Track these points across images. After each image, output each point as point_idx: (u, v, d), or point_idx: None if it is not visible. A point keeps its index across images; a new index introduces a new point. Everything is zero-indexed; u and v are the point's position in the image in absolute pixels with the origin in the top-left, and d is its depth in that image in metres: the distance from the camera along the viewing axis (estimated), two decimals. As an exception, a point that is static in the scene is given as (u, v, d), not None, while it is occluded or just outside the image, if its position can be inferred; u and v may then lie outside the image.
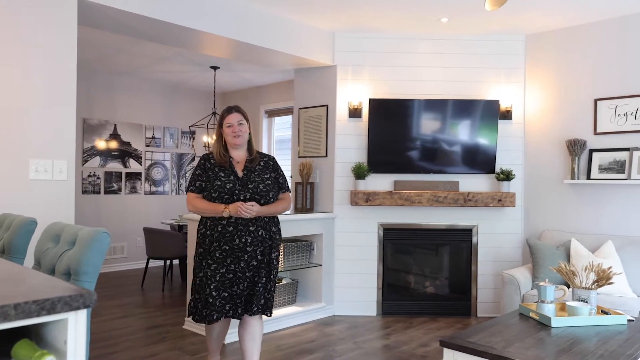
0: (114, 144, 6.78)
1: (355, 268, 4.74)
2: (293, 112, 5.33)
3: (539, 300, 2.74)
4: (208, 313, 2.76)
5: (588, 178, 4.28)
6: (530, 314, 2.76)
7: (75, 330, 1.17)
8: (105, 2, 3.28)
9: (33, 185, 3.01)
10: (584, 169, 4.34)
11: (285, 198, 2.99)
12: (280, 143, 7.32)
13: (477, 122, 4.61)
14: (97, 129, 6.61)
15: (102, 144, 6.66)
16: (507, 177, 4.54)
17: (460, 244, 4.78)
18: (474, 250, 4.72)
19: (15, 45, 2.94)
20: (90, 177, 6.55)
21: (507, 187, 4.55)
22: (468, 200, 4.50)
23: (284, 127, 7.26)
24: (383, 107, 4.62)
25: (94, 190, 6.58)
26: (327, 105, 4.84)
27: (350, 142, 4.76)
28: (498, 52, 4.74)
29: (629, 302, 3.51)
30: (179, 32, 3.88)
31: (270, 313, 2.90)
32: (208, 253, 2.83)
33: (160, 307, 4.90)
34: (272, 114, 7.36)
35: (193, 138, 7.64)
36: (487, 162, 4.61)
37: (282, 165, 3.19)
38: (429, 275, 4.92)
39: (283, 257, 4.45)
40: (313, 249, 4.72)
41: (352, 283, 4.74)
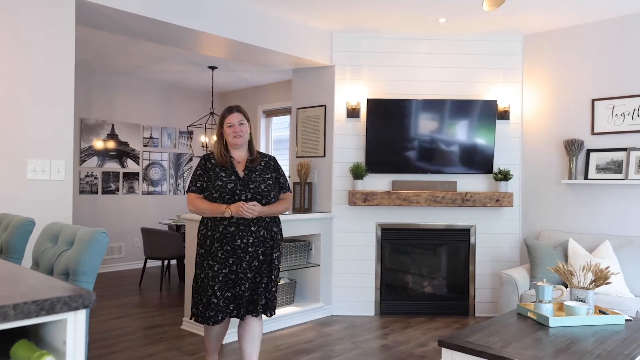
0: (112, 144, 6.77)
1: (353, 268, 4.74)
2: (291, 112, 5.33)
3: (537, 300, 2.74)
4: (213, 314, 2.75)
5: (585, 178, 4.29)
6: (528, 314, 2.76)
7: (75, 331, 1.17)
8: (104, 2, 3.28)
9: (31, 185, 3.00)
10: (582, 169, 4.35)
11: (286, 198, 2.99)
12: (278, 143, 7.32)
13: (475, 122, 4.61)
14: (94, 129, 6.60)
15: (99, 144, 6.65)
16: (504, 177, 4.55)
17: (458, 244, 4.78)
18: (472, 250, 4.73)
19: (13, 46, 2.93)
20: (88, 177, 6.54)
21: (504, 187, 4.56)
22: (466, 200, 4.51)
23: (282, 127, 7.26)
24: (381, 107, 4.63)
25: (92, 190, 6.57)
26: (325, 105, 4.85)
27: (348, 142, 4.76)
28: (496, 52, 4.74)
29: (626, 301, 3.52)
30: (178, 32, 3.87)
31: (273, 313, 2.90)
32: (209, 254, 2.82)
33: (158, 307, 4.90)
34: (270, 114, 7.36)
35: (191, 138, 7.63)
36: (484, 162, 4.62)
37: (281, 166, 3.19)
38: (427, 275, 4.93)
39: (281, 257, 4.45)
40: (311, 249, 4.72)
41: (350, 283, 4.74)
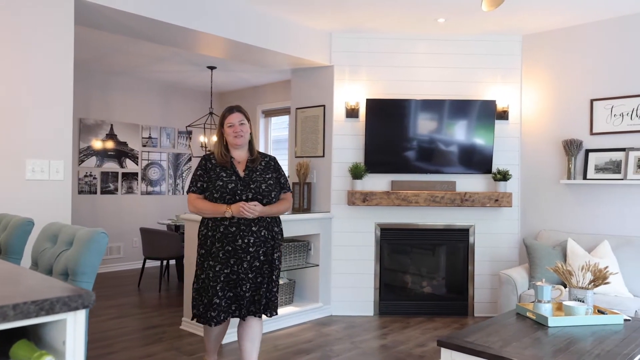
0: (111, 144, 6.77)
1: (353, 268, 4.74)
2: (290, 112, 5.33)
3: (536, 300, 2.75)
4: (215, 314, 2.74)
5: (584, 178, 4.29)
6: (527, 314, 2.76)
7: (74, 331, 1.17)
8: (103, 2, 3.28)
9: (29, 186, 3.00)
10: (580, 169, 4.36)
11: (287, 198, 2.98)
12: (277, 143, 7.31)
13: (473, 122, 4.62)
14: (93, 129, 6.59)
15: (98, 144, 6.64)
16: (503, 177, 4.55)
17: (457, 244, 4.79)
18: (471, 250, 4.74)
19: (11, 46, 2.93)
20: (87, 177, 6.53)
21: (503, 187, 4.57)
22: (465, 200, 4.51)
23: (281, 127, 7.26)
24: (380, 107, 4.63)
25: (90, 191, 6.56)
26: (324, 106, 4.85)
27: (348, 142, 4.76)
28: (495, 52, 4.75)
29: (625, 301, 3.52)
30: (177, 32, 3.87)
31: (275, 313, 2.89)
32: (210, 254, 2.81)
33: (157, 307, 4.89)
34: (269, 114, 7.36)
35: (190, 138, 7.63)
36: (483, 162, 4.62)
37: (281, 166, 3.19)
38: (426, 275, 4.93)
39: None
40: (310, 249, 4.72)
41: (349, 283, 4.74)
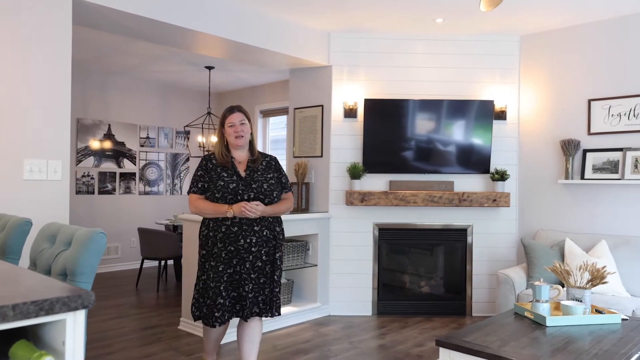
0: (108, 144, 6.76)
1: (351, 268, 4.74)
2: (288, 112, 5.33)
3: (534, 300, 2.75)
4: (220, 315, 2.72)
5: (582, 178, 4.30)
6: (525, 314, 2.77)
7: (74, 331, 1.17)
8: (102, 2, 3.27)
9: (28, 186, 2.99)
10: (578, 169, 4.37)
11: (288, 198, 2.98)
12: (275, 143, 7.31)
13: (471, 122, 4.62)
14: (91, 129, 6.58)
15: (96, 144, 6.63)
16: (501, 177, 4.56)
17: (455, 244, 4.79)
18: (469, 250, 4.74)
19: (9, 46, 2.92)
20: (84, 177, 6.52)
21: (501, 187, 4.57)
22: (463, 200, 4.52)
23: (279, 127, 7.26)
24: (378, 107, 4.63)
25: (88, 191, 6.55)
26: (322, 106, 4.85)
27: (346, 142, 4.76)
28: (493, 52, 4.76)
29: (623, 301, 3.53)
30: (176, 32, 3.87)
31: (278, 313, 2.86)
32: (211, 255, 2.80)
33: (155, 307, 4.89)
34: (267, 114, 7.36)
35: (188, 138, 7.62)
36: (481, 162, 4.63)
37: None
38: (424, 275, 4.93)
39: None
40: (308, 249, 4.72)
41: (347, 283, 4.75)
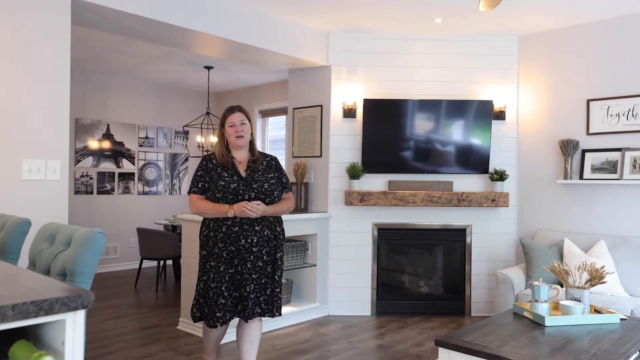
0: (107, 144, 6.75)
1: (350, 268, 4.74)
2: (287, 112, 5.33)
3: (533, 300, 2.75)
4: (221, 315, 2.72)
5: (581, 178, 4.31)
6: (524, 313, 2.77)
7: (73, 331, 1.17)
8: (101, 2, 3.27)
9: (26, 186, 2.99)
10: (577, 169, 4.37)
11: (289, 198, 2.97)
12: (274, 143, 7.31)
13: (470, 122, 4.63)
14: (89, 129, 6.58)
15: (94, 144, 6.62)
16: (500, 177, 4.56)
17: (454, 244, 4.80)
18: (468, 250, 4.75)
19: (8, 46, 2.92)
20: (83, 177, 6.51)
21: (500, 187, 4.58)
22: (462, 200, 4.52)
23: (278, 127, 7.26)
24: (377, 107, 4.63)
25: (87, 191, 6.54)
26: (321, 106, 4.85)
27: (345, 142, 4.76)
28: (492, 52, 4.76)
29: (621, 301, 3.54)
30: (175, 32, 3.87)
31: (279, 313, 2.86)
32: (211, 255, 2.79)
33: (154, 307, 4.88)
34: (266, 114, 7.36)
35: (186, 138, 7.61)
36: (480, 162, 4.63)
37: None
38: (423, 275, 4.94)
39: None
40: (307, 249, 4.72)
41: (346, 283, 4.75)
